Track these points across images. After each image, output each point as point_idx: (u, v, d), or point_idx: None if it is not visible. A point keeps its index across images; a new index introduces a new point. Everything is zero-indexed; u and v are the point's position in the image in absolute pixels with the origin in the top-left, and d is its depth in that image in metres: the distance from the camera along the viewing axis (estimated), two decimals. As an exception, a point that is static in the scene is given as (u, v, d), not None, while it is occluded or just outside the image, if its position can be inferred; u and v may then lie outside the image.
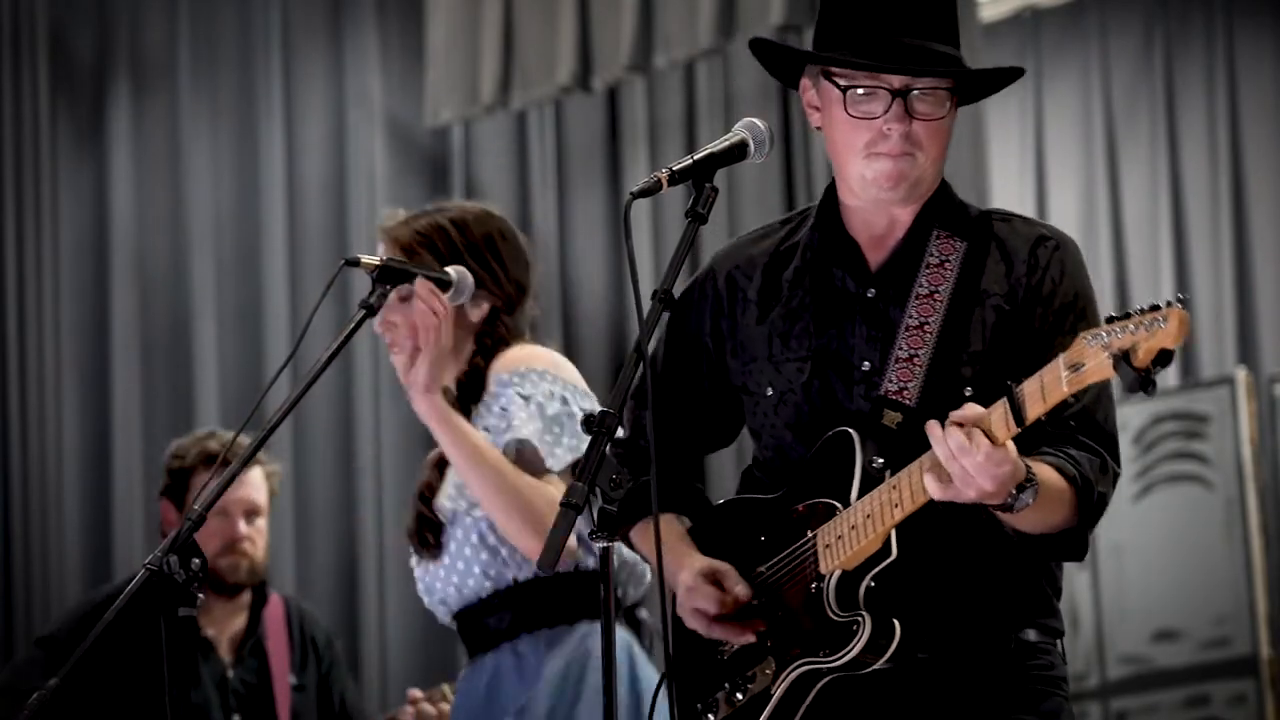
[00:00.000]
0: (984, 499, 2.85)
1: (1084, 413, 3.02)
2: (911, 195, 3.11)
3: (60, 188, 7.51)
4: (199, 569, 3.01)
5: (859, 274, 3.14)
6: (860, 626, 2.96)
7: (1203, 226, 7.48)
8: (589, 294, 7.65)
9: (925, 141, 3.07)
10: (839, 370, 3.10)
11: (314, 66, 7.78)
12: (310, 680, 5.15)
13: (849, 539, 3.00)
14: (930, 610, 3.02)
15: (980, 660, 3.05)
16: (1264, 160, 7.50)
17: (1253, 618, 6.91)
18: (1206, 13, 7.57)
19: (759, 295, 3.21)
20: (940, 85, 3.06)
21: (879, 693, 3.03)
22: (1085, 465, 2.99)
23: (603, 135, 7.72)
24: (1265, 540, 6.96)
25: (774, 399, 3.15)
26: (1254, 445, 7.00)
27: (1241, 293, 7.46)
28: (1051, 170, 7.79)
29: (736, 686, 3.12)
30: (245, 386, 7.42)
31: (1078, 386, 2.73)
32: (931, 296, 3.08)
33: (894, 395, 3.03)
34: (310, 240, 7.68)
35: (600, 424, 2.75)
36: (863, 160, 3.08)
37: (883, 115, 3.05)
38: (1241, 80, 7.52)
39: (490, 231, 3.86)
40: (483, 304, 3.85)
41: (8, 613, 7.24)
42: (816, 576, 3.03)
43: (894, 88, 3.04)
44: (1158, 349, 2.66)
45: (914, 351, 3.05)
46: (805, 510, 3.08)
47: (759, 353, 3.18)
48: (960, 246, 3.11)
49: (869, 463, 3.01)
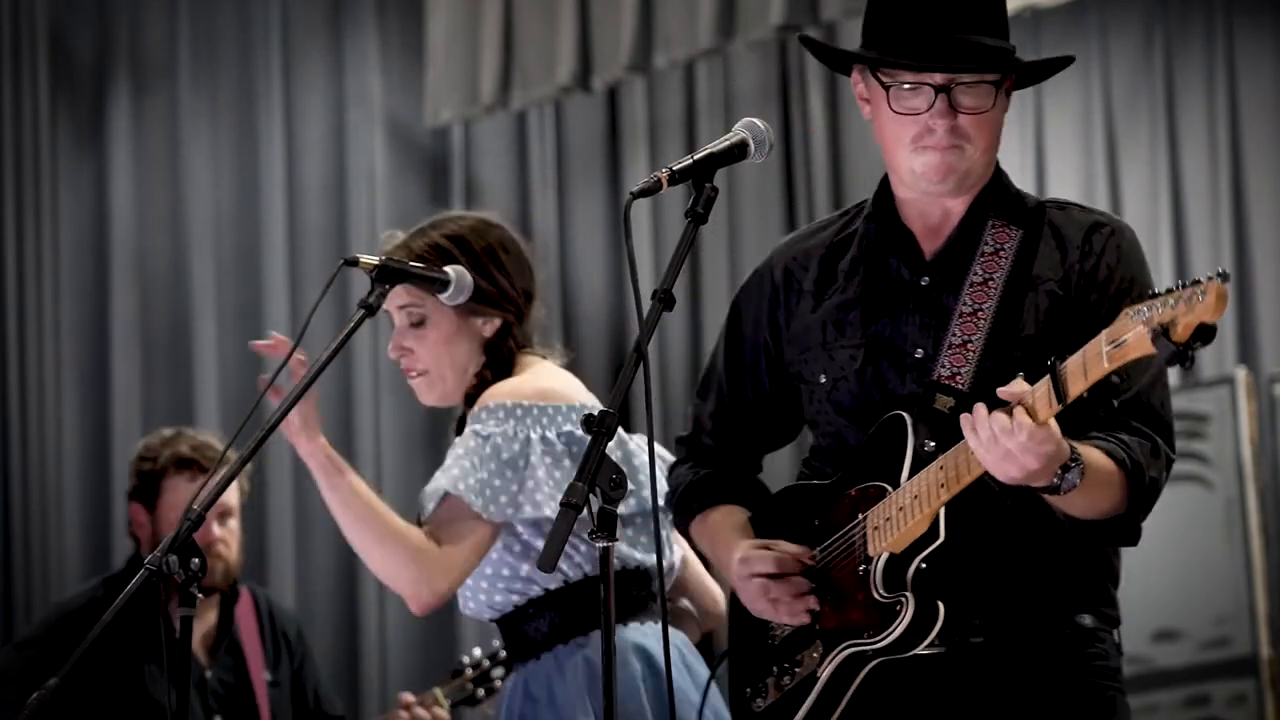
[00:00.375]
0: (1030, 479, 2.86)
1: (1137, 398, 3.03)
2: (962, 187, 3.13)
3: (60, 188, 7.51)
4: (198, 569, 3.01)
5: (914, 263, 3.16)
6: (903, 608, 2.98)
7: (1203, 226, 7.47)
8: (589, 294, 7.65)
9: (973, 133, 3.09)
10: (891, 357, 3.12)
11: (314, 66, 7.78)
12: (285, 676, 5.14)
13: (896, 520, 3.02)
14: (983, 593, 3.03)
15: (1035, 645, 3.06)
16: (1264, 160, 7.49)
17: (1253, 618, 6.90)
18: (1206, 13, 7.56)
19: (814, 285, 3.24)
20: (984, 78, 3.07)
21: (932, 678, 3.04)
22: (1136, 449, 3.00)
23: (603, 135, 7.71)
24: (1265, 540, 6.95)
25: (827, 386, 3.17)
26: (1254, 445, 6.99)
27: (1241, 293, 7.46)
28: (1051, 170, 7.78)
29: (784, 670, 3.15)
30: (245, 386, 7.42)
31: (1119, 361, 2.74)
32: (985, 284, 3.10)
33: (947, 380, 3.05)
34: (310, 240, 7.68)
35: (600, 424, 2.75)
36: (910, 154, 3.10)
37: (927, 110, 3.07)
38: (1241, 80, 7.51)
39: (491, 244, 3.82)
40: (494, 319, 3.82)
41: (7, 612, 7.24)
42: (865, 559, 3.05)
43: (936, 83, 3.05)
44: (1196, 323, 2.65)
45: (967, 337, 3.06)
46: (857, 494, 3.11)
47: (813, 341, 3.21)
48: (1015, 234, 3.13)
49: (920, 445, 3.03)
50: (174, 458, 5.06)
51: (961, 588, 3.01)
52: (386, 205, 7.72)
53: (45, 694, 2.96)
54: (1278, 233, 7.51)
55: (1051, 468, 2.85)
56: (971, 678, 3.04)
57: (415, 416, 7.67)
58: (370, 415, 7.57)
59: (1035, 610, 3.06)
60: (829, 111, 7.22)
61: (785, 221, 7.32)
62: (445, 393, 3.85)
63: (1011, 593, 3.05)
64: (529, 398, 3.73)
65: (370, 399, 7.58)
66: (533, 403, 3.73)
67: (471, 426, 3.73)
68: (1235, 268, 7.52)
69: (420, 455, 7.65)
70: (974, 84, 3.07)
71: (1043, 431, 2.81)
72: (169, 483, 5.03)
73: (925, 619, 2.97)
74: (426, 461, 7.66)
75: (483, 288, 3.75)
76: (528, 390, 3.75)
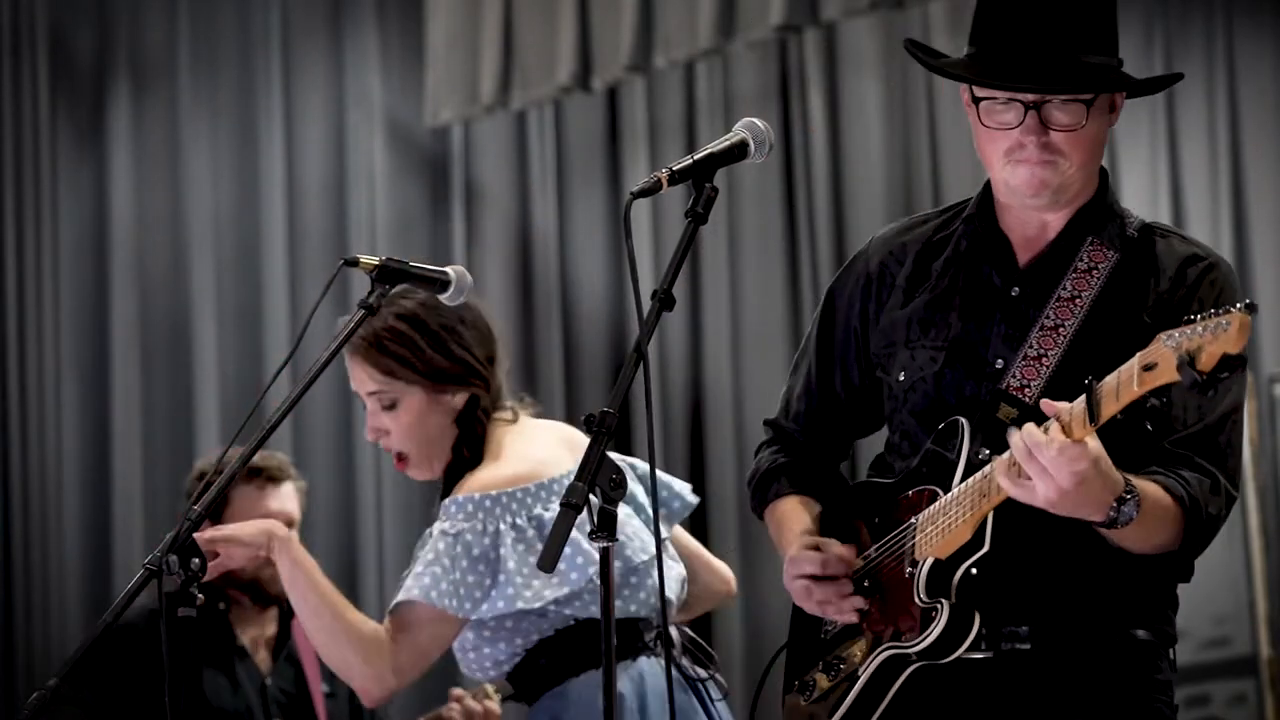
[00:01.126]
0: (1070, 506, 2.83)
1: (1205, 433, 3.01)
2: (1058, 201, 3.10)
3: (60, 188, 7.51)
4: (199, 569, 3.01)
5: (1007, 271, 3.14)
6: (939, 614, 2.97)
7: (1203, 226, 7.47)
8: (589, 294, 7.65)
9: (1067, 149, 3.06)
10: (970, 364, 3.11)
11: (314, 66, 7.78)
12: (342, 689, 5.16)
13: (943, 527, 3.01)
14: (1033, 602, 3.01)
15: (1085, 654, 3.04)
16: (1264, 160, 7.49)
17: (1253, 618, 6.90)
18: (1206, 13, 7.56)
19: (907, 281, 3.23)
20: (1077, 96, 3.04)
21: (979, 683, 3.03)
22: (1195, 485, 2.97)
23: (603, 135, 7.71)
24: (1265, 540, 6.95)
25: (905, 385, 3.17)
26: (1254, 445, 6.99)
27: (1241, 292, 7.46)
28: (1051, 170, 7.79)
29: (831, 665, 3.16)
30: (245, 386, 7.43)
31: (1149, 385, 2.72)
32: (1073, 301, 3.07)
33: (1015, 390, 3.03)
34: (310, 240, 7.68)
35: (600, 424, 2.75)
36: (1004, 166, 3.09)
37: (1018, 126, 3.05)
38: (1241, 80, 7.51)
39: (447, 320, 3.85)
40: (460, 393, 3.86)
41: (7, 612, 7.24)
42: (912, 562, 3.05)
43: (1027, 100, 3.03)
44: (1220, 354, 2.64)
45: (1044, 351, 3.04)
46: (914, 497, 3.10)
47: (898, 337, 3.20)
48: (1112, 257, 3.10)
49: (975, 453, 3.02)
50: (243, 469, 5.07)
51: (1010, 596, 3.00)
52: (386, 205, 7.72)
53: (45, 694, 2.95)
54: (1278, 233, 7.51)
55: (1093, 493, 2.82)
56: (1019, 684, 3.03)
57: (415, 416, 7.66)
58: (370, 415, 7.57)
59: (1087, 620, 3.04)
60: (829, 111, 7.21)
61: (785, 221, 7.32)
62: (435, 470, 3.90)
63: (1064, 603, 3.03)
64: (499, 486, 3.77)
65: (370, 399, 7.57)
66: (501, 491, 3.77)
67: (440, 525, 3.77)
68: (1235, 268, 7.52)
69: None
70: (1067, 101, 3.03)
71: (1076, 449, 2.78)
72: (237, 491, 5.05)
73: (960, 627, 2.97)
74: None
75: (444, 367, 3.81)
76: (500, 479, 3.79)
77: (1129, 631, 3.06)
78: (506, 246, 7.77)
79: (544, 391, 7.60)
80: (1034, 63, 3.03)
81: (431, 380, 3.81)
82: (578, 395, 7.47)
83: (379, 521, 7.50)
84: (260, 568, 4.91)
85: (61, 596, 7.30)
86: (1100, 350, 2.97)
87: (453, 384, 3.84)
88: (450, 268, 3.66)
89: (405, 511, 7.55)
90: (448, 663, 7.63)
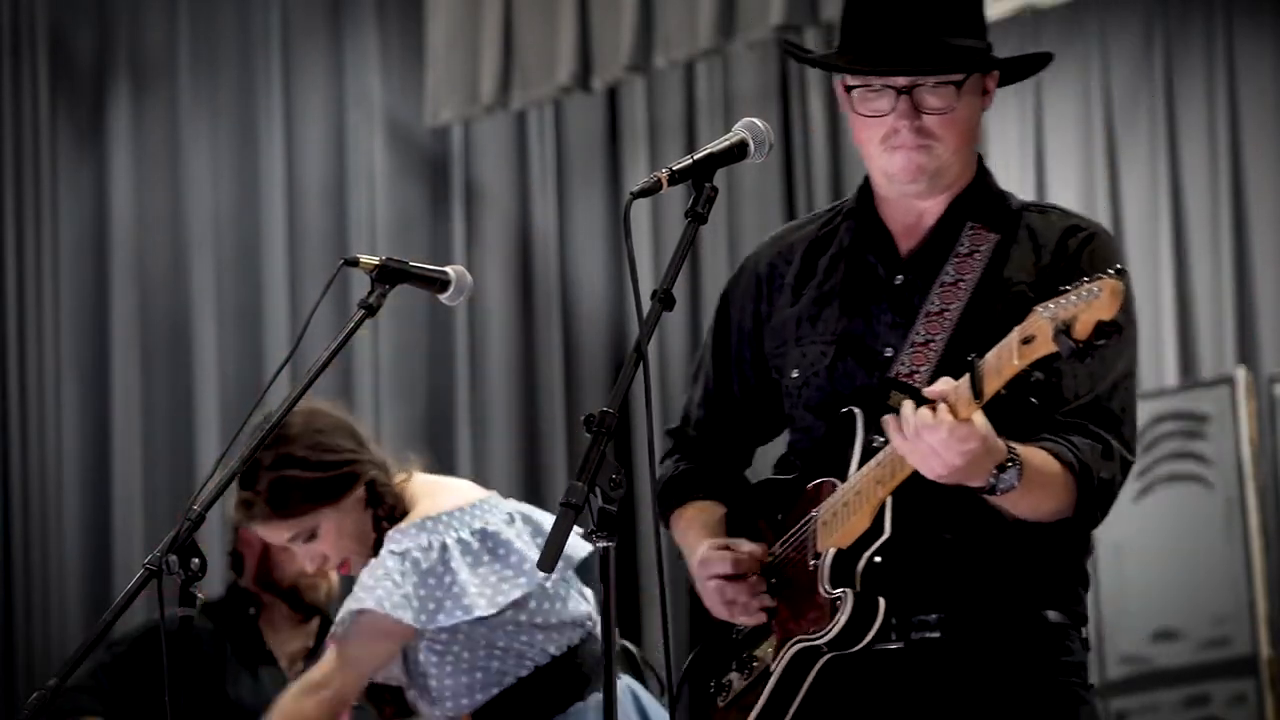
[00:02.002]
0: (962, 477, 2.86)
1: (1095, 402, 3.02)
2: (935, 186, 3.12)
3: (60, 188, 7.51)
4: (199, 569, 3.01)
5: (889, 260, 3.16)
6: (843, 603, 2.98)
7: (1203, 226, 7.48)
8: (589, 294, 7.65)
9: (940, 132, 3.08)
10: (861, 355, 3.12)
11: (314, 66, 7.78)
12: None
13: (841, 516, 3.02)
14: (941, 588, 3.02)
15: (996, 640, 3.04)
16: (1264, 160, 7.49)
17: (1253, 618, 6.90)
18: (1206, 13, 7.56)
19: (795, 279, 3.24)
20: (947, 78, 3.06)
21: (892, 674, 3.03)
22: (1085, 451, 2.98)
23: (603, 135, 7.72)
24: (1265, 540, 6.95)
25: (799, 381, 3.18)
26: (1254, 445, 6.99)
27: (1241, 293, 7.46)
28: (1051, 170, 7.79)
29: (744, 664, 3.15)
30: (245, 386, 7.43)
31: (1028, 359, 2.74)
32: (956, 285, 3.09)
33: (905, 377, 3.04)
34: (310, 240, 7.68)
35: (600, 423, 2.75)
36: (881, 154, 3.10)
37: (890, 112, 3.06)
38: (1241, 80, 7.51)
39: (306, 438, 3.97)
40: (358, 487, 3.98)
41: (7, 612, 7.24)
42: (815, 554, 3.05)
43: (898, 85, 3.06)
44: (1094, 321, 2.66)
45: (931, 336, 3.06)
46: (813, 490, 3.11)
47: (789, 335, 3.21)
48: (993, 238, 3.12)
49: (870, 441, 3.03)
50: None
51: (918, 582, 3.01)
52: (386, 205, 7.72)
53: (45, 694, 2.95)
54: (1278, 233, 7.51)
55: (981, 466, 2.84)
56: (930, 672, 3.03)
57: (415, 416, 7.67)
58: (370, 415, 7.57)
59: (997, 605, 3.05)
60: (829, 111, 7.21)
61: (785, 221, 7.31)
62: (376, 552, 3.98)
63: (972, 587, 3.04)
64: (434, 513, 3.91)
65: (370, 399, 7.58)
66: (442, 513, 3.89)
67: (386, 549, 3.88)
68: (1235, 268, 7.52)
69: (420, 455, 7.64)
70: (937, 84, 3.06)
71: (964, 428, 2.80)
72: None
73: (866, 614, 2.97)
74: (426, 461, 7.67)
75: (332, 479, 3.95)
76: (436, 508, 3.93)
77: (1039, 613, 3.06)
78: (506, 246, 7.77)
79: (544, 391, 7.61)
80: (903, 47, 3.06)
81: (331, 498, 3.94)
82: (578, 395, 7.47)
83: (379, 521, 7.50)
84: (299, 575, 4.93)
85: (61, 596, 7.30)
86: (987, 330, 2.97)
87: (347, 487, 3.96)
88: (450, 268, 3.66)
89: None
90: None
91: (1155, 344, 7.47)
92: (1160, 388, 7.32)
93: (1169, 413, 7.17)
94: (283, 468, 3.92)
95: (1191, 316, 7.61)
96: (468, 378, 7.67)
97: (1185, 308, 7.58)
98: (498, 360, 7.67)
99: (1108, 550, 7.03)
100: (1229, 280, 7.52)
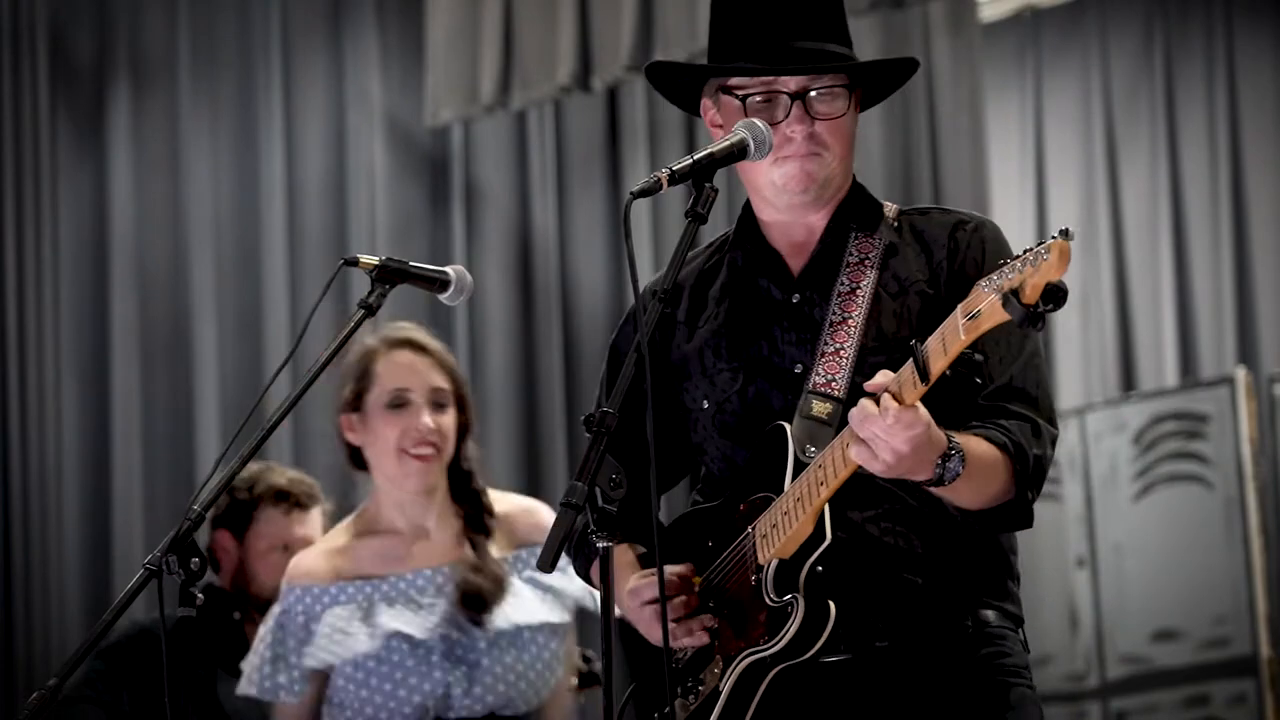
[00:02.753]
0: (908, 471, 2.87)
1: (1010, 384, 3.05)
2: (823, 196, 3.15)
3: (60, 188, 7.51)
4: (198, 569, 3.01)
5: (783, 281, 3.18)
6: (794, 609, 2.97)
7: (1202, 226, 7.48)
8: (589, 294, 7.65)
9: (830, 140, 3.11)
10: (771, 376, 3.14)
11: (314, 66, 7.78)
12: None
13: (782, 526, 3.02)
14: (882, 595, 3.03)
15: (938, 645, 3.05)
16: (1264, 160, 7.50)
17: (1253, 618, 6.91)
18: (1206, 12, 7.57)
19: (686, 315, 3.26)
20: (837, 83, 3.10)
21: (840, 685, 3.03)
22: (1016, 432, 3.00)
23: (603, 135, 7.72)
24: (1265, 540, 6.96)
25: (711, 410, 3.19)
26: (1254, 445, 7.00)
27: (1241, 292, 7.46)
28: (1051, 170, 7.79)
29: (688, 690, 3.13)
30: (245, 386, 7.42)
31: (975, 333, 2.76)
32: (853, 293, 3.12)
33: (822, 388, 3.06)
34: (310, 240, 7.68)
35: (600, 423, 2.75)
36: (771, 166, 3.12)
37: (784, 119, 3.09)
38: (1241, 80, 7.52)
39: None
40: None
41: (7, 612, 7.24)
42: (756, 568, 3.05)
43: (791, 90, 3.09)
44: (1043, 283, 2.67)
45: (839, 345, 3.08)
46: (746, 508, 3.11)
47: (693, 369, 3.22)
48: (879, 242, 3.16)
49: (801, 450, 3.04)
50: (271, 490, 5.06)
51: (859, 590, 3.01)
52: (386, 205, 7.72)
53: (45, 694, 2.95)
54: (1278, 233, 7.52)
55: (926, 455, 2.85)
56: (879, 683, 3.03)
57: (415, 416, 7.66)
58: (370, 415, 7.57)
59: (936, 609, 3.05)
60: (829, 111, 7.21)
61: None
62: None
63: (910, 592, 3.04)
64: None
65: (370, 399, 7.57)
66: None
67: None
68: (1235, 268, 7.53)
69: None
70: (827, 90, 3.09)
71: (909, 414, 2.81)
72: (263, 514, 5.04)
73: (817, 619, 2.97)
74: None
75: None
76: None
77: (976, 614, 3.07)
78: (506, 246, 7.77)
79: (544, 391, 7.61)
80: (794, 51, 3.09)
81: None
82: (577, 395, 7.48)
83: (379, 521, 7.50)
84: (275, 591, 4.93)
85: (61, 596, 7.30)
86: (892, 330, 3.05)
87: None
88: (450, 268, 3.66)
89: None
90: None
91: (1155, 344, 7.48)
92: (1160, 388, 7.33)
93: (1169, 413, 7.17)
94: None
95: (1191, 316, 7.61)
96: (468, 378, 7.66)
97: (1185, 308, 7.59)
98: (498, 360, 7.67)
99: (1108, 550, 7.03)
100: (1229, 280, 7.53)
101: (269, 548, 4.96)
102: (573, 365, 7.55)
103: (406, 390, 4.15)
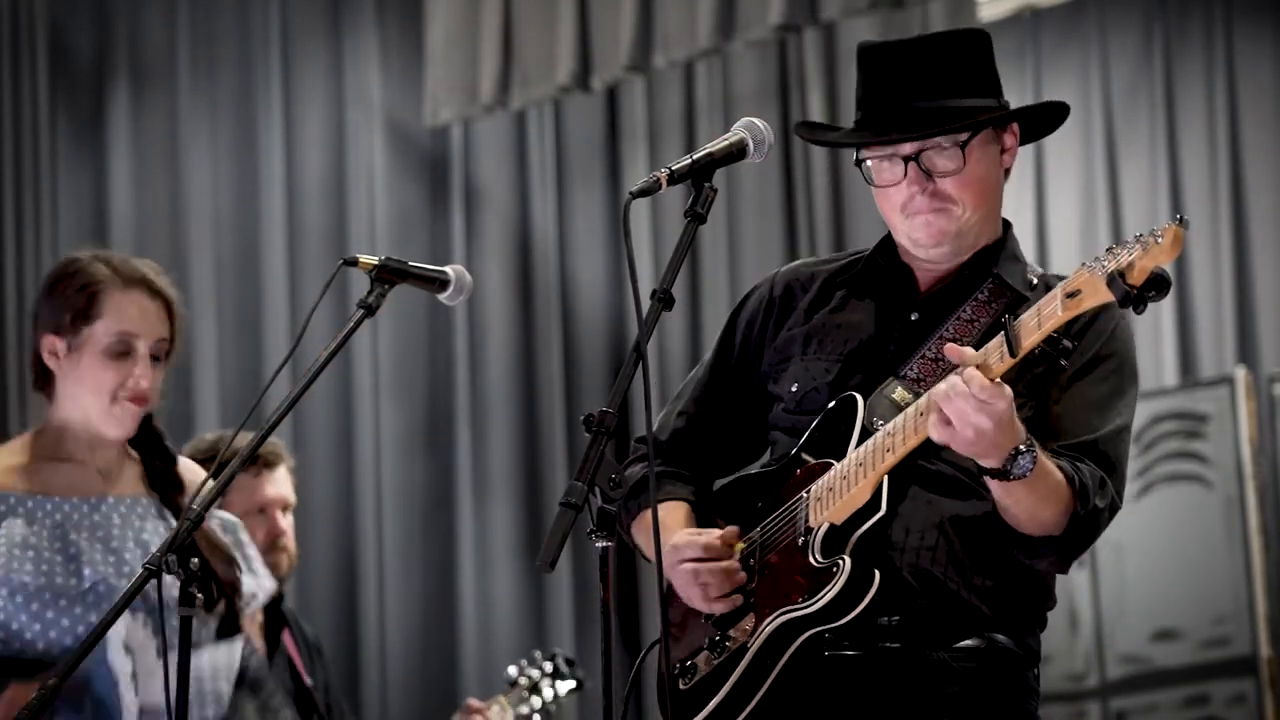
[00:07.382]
0: (982, 449, 2.86)
1: (1095, 444, 3.04)
2: (959, 248, 3.16)
3: (60, 187, 7.51)
4: (198, 568, 3.01)
5: (908, 297, 3.20)
6: (839, 570, 2.98)
7: (1202, 226, 7.47)
8: (589, 294, 7.65)
9: (956, 193, 3.12)
10: (866, 371, 3.15)
11: (314, 66, 7.78)
12: (320, 682, 5.17)
13: (839, 489, 3.03)
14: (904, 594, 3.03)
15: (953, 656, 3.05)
16: (1264, 160, 7.49)
17: (1253, 618, 6.90)
18: (1206, 12, 7.56)
19: (809, 304, 3.28)
20: (950, 141, 3.09)
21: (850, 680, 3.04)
22: (1087, 475, 3.00)
23: (602, 135, 7.72)
24: (1265, 540, 6.95)
25: (797, 395, 3.21)
26: (1254, 445, 6.99)
27: (1241, 292, 7.46)
28: (1051, 170, 7.79)
29: (714, 645, 3.15)
30: (245, 386, 7.43)
31: (1073, 311, 2.77)
32: (971, 323, 3.12)
33: (910, 380, 3.07)
34: (310, 240, 7.69)
35: (600, 423, 2.75)
36: (903, 221, 3.15)
37: (903, 180, 3.10)
38: (1241, 80, 7.51)
39: None
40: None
41: (7, 613, 7.24)
42: (805, 530, 3.07)
43: (904, 153, 3.10)
44: (1150, 267, 2.68)
45: (939, 355, 3.07)
46: (804, 472, 3.13)
47: (793, 352, 3.24)
48: (1011, 296, 3.14)
49: (870, 421, 3.06)
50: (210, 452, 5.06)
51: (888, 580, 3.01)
52: (386, 205, 7.72)
53: (45, 694, 2.96)
54: (1278, 233, 7.51)
55: (1002, 440, 2.85)
56: (880, 683, 3.04)
57: (415, 416, 7.67)
58: (370, 415, 7.57)
59: (956, 622, 3.05)
60: (829, 111, 7.22)
61: (785, 221, 7.32)
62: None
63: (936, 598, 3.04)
64: None
65: (370, 399, 7.58)
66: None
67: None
68: (1235, 268, 7.52)
69: (419, 455, 7.65)
70: (943, 147, 3.10)
71: (993, 388, 2.82)
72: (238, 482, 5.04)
73: (860, 583, 2.98)
74: (425, 461, 7.67)
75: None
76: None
77: (994, 637, 3.06)
78: (506, 246, 7.77)
79: (544, 391, 7.61)
80: (903, 114, 3.10)
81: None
82: (577, 395, 7.48)
83: (378, 518, 7.50)
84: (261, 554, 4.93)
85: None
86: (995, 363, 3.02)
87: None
88: (450, 267, 3.67)
89: (404, 508, 7.55)
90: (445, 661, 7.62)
91: (1155, 344, 7.47)
92: (1160, 387, 7.32)
93: (1169, 412, 7.16)
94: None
95: (1191, 316, 7.60)
96: (468, 378, 7.67)
97: (1185, 308, 7.58)
98: (498, 360, 7.67)
99: (1108, 550, 7.03)
100: (1229, 280, 7.52)
101: (244, 512, 4.94)
102: (572, 365, 7.55)
103: (134, 337, 3.90)
